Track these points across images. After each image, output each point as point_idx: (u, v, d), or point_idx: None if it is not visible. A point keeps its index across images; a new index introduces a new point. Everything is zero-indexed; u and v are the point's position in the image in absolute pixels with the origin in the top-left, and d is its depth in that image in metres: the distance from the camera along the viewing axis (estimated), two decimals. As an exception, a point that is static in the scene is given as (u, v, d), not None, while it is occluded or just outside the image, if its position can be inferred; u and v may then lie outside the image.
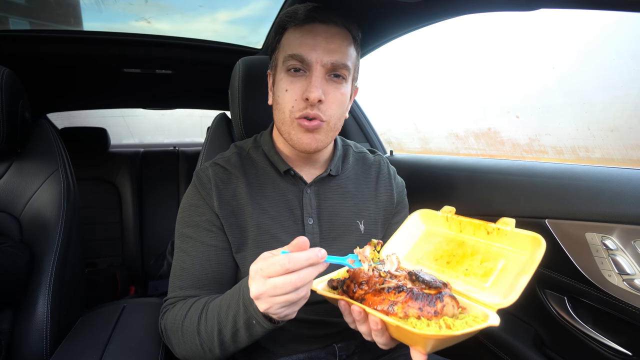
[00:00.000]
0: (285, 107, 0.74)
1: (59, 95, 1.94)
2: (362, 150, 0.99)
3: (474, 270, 0.65)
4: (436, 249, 0.75)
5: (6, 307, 0.90)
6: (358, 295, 0.58)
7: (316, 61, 0.72)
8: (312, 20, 0.74)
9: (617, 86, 0.98)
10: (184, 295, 0.76)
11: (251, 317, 0.60)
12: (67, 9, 1.60)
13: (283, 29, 0.78)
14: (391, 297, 0.55)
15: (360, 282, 0.59)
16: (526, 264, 0.60)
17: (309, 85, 0.72)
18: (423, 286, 0.56)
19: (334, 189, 0.87)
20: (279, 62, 0.77)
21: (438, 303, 0.53)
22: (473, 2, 0.81)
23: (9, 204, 0.98)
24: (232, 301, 0.63)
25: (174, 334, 0.72)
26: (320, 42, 0.73)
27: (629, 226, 0.69)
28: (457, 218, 0.74)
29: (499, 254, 0.65)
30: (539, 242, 0.60)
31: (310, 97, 0.71)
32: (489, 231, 0.68)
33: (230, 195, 0.80)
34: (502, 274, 0.62)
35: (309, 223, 0.82)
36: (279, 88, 0.76)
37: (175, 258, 0.80)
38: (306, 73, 0.73)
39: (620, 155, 1.01)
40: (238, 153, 0.87)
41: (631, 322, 0.71)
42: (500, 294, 0.59)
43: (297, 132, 0.75)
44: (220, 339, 0.65)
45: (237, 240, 0.78)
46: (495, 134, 1.40)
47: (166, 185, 2.51)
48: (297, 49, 0.73)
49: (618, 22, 0.94)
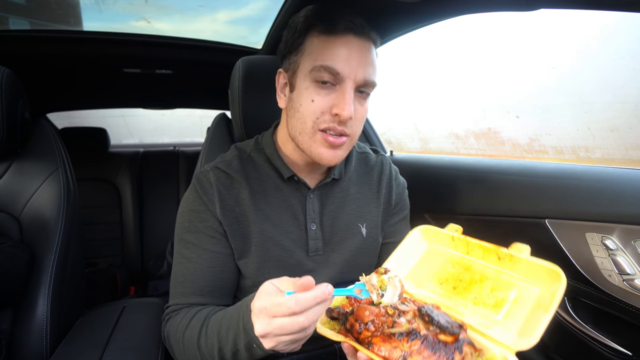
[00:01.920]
0: (309, 118, 0.70)
1: (59, 95, 1.93)
2: (364, 150, 0.96)
3: (483, 300, 0.60)
4: (440, 270, 0.69)
5: (6, 307, 0.90)
6: (364, 337, 0.53)
7: (349, 76, 0.68)
8: (347, 31, 0.68)
9: (617, 86, 0.98)
10: (186, 302, 0.75)
11: (252, 341, 0.57)
12: (67, 9, 1.60)
13: (307, 30, 0.71)
14: (404, 346, 0.49)
15: (365, 322, 0.54)
16: (542, 299, 0.55)
17: (342, 101, 0.68)
18: (437, 331, 0.51)
19: (337, 192, 0.85)
20: (302, 67, 0.71)
21: (457, 355, 0.48)
22: (473, 2, 0.81)
23: (9, 204, 0.98)
24: (232, 323, 0.61)
25: (176, 344, 0.72)
26: (354, 57, 0.68)
27: (629, 226, 0.69)
28: (465, 238, 0.68)
29: (510, 283, 0.60)
30: (558, 276, 0.54)
31: (343, 114, 0.67)
32: (501, 257, 0.63)
33: (233, 201, 0.78)
34: (515, 306, 0.57)
35: (311, 228, 0.81)
36: (302, 96, 0.71)
37: (176, 264, 0.78)
38: (335, 86, 0.69)
39: (620, 155, 1.01)
40: (239, 156, 0.83)
41: (631, 322, 0.71)
42: (513, 329, 0.54)
43: (319, 146, 0.72)
44: (220, 356, 0.63)
45: (240, 246, 0.77)
46: (495, 134, 1.40)
47: (166, 185, 2.51)
48: (331, 61, 0.67)
49: (618, 22, 0.94)
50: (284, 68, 0.77)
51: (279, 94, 0.79)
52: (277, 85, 0.79)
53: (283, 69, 0.78)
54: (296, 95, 0.73)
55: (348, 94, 0.68)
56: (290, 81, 0.75)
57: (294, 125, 0.74)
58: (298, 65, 0.72)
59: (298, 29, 0.73)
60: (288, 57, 0.75)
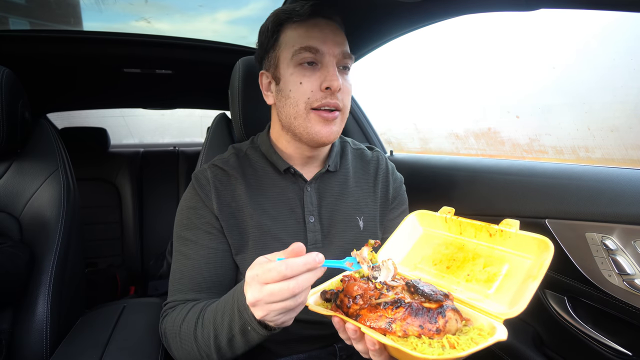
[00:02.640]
0: (300, 99, 0.74)
1: (59, 95, 1.93)
2: (360, 146, 0.99)
3: (476, 276, 0.62)
4: (435, 252, 0.71)
5: (6, 307, 0.90)
6: (353, 311, 0.54)
7: (329, 52, 0.74)
8: (315, 15, 0.76)
9: (617, 86, 0.98)
10: (183, 299, 0.76)
11: (246, 323, 0.58)
12: (67, 9, 1.60)
13: (279, 26, 0.78)
14: (389, 314, 0.51)
15: (354, 296, 0.55)
16: (532, 269, 0.56)
17: (328, 74, 0.73)
18: (422, 299, 0.52)
19: (334, 185, 0.87)
20: (282, 58, 0.77)
21: (440, 319, 0.49)
22: (473, 2, 0.81)
23: (9, 204, 0.98)
24: (227, 307, 0.62)
25: (173, 339, 0.72)
26: (328, 35, 0.75)
27: (629, 226, 0.69)
28: (457, 219, 0.70)
29: (502, 258, 0.62)
30: (546, 245, 0.56)
31: (333, 85, 0.72)
32: (492, 233, 0.65)
33: (230, 196, 0.80)
34: (507, 279, 0.59)
35: (310, 221, 0.82)
36: (289, 82, 0.75)
37: (175, 261, 0.79)
38: (318, 65, 0.75)
39: (620, 155, 1.01)
40: (236, 154, 0.86)
41: (631, 322, 0.71)
42: (505, 301, 0.55)
43: (314, 124, 0.75)
44: (216, 345, 0.64)
45: (237, 242, 0.78)
46: (495, 134, 1.40)
47: (166, 185, 2.51)
48: (308, 41, 0.73)
49: (618, 22, 0.94)
50: (265, 68, 0.83)
51: (265, 93, 0.84)
52: (262, 87, 0.84)
53: (264, 69, 0.83)
54: (283, 84, 0.77)
55: (332, 67, 0.74)
56: (274, 75, 0.79)
57: (287, 112, 0.77)
58: (278, 58, 0.78)
59: (270, 29, 0.79)
60: (266, 57, 0.81)
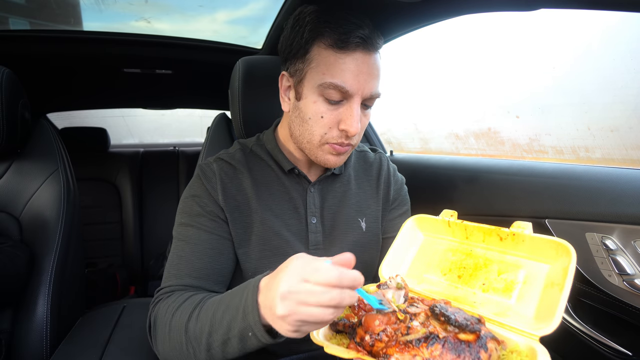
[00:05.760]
0: (317, 132, 0.72)
1: (59, 95, 1.93)
2: (363, 148, 0.99)
3: (492, 285, 0.57)
4: (441, 260, 0.65)
5: (6, 307, 0.90)
6: (377, 349, 0.48)
7: (357, 92, 0.68)
8: (357, 47, 0.67)
9: (617, 86, 0.98)
10: (180, 283, 0.70)
11: (248, 327, 0.52)
12: (67, 9, 1.59)
13: (314, 38, 0.69)
14: (424, 353, 0.45)
15: (377, 332, 0.48)
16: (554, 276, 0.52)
17: (349, 118, 0.69)
18: (456, 330, 0.47)
19: (337, 187, 0.87)
20: (309, 78, 0.71)
21: (482, 354, 0.44)
22: (473, 2, 0.81)
23: (9, 204, 0.98)
24: (232, 305, 0.56)
25: (162, 328, 0.64)
26: (363, 73, 0.68)
27: (629, 226, 0.69)
28: (462, 223, 0.65)
29: (516, 264, 0.57)
30: (566, 250, 0.51)
31: (350, 131, 0.69)
32: (503, 237, 0.60)
33: (236, 189, 0.79)
34: (526, 287, 0.54)
35: (312, 222, 0.82)
36: (310, 109, 0.71)
37: (173, 248, 0.75)
38: (342, 102, 0.70)
39: (620, 155, 1.01)
40: (242, 150, 0.86)
41: (631, 322, 0.71)
42: (529, 312, 0.51)
43: (325, 154, 0.75)
44: (208, 343, 0.57)
45: (240, 235, 0.77)
46: (495, 134, 1.40)
47: (166, 185, 2.51)
48: (340, 79, 0.67)
49: (618, 22, 0.94)
50: (289, 72, 0.76)
51: (282, 97, 0.79)
52: (280, 87, 0.79)
53: (287, 73, 0.76)
54: (303, 106, 0.73)
55: (355, 111, 0.69)
56: (296, 88, 0.74)
57: (301, 134, 0.75)
58: (304, 74, 0.71)
59: (304, 35, 0.70)
60: (293, 62, 0.74)
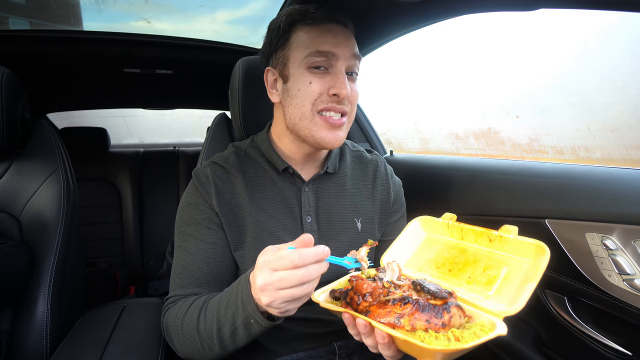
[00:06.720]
0: (307, 100, 0.75)
1: (59, 95, 1.94)
2: (359, 149, 0.99)
3: (477, 278, 0.65)
4: (437, 256, 0.74)
5: (6, 307, 0.90)
6: (362, 308, 0.58)
7: (341, 56, 0.74)
8: (330, 20, 0.76)
9: (617, 86, 0.98)
10: (185, 293, 0.77)
11: (249, 315, 0.60)
12: (67, 9, 1.60)
13: (291, 26, 0.77)
14: (397, 310, 0.54)
15: (363, 294, 0.58)
16: (530, 272, 0.60)
17: (337, 81, 0.73)
18: (428, 297, 0.56)
19: (332, 187, 0.87)
20: (292, 58, 0.76)
21: (445, 314, 0.53)
22: (473, 2, 0.81)
23: (9, 204, 0.98)
24: (231, 299, 0.63)
25: (175, 332, 0.73)
26: (341, 41, 0.75)
27: (629, 226, 0.69)
28: (459, 225, 0.73)
29: (501, 262, 0.66)
30: (542, 250, 0.60)
31: (341, 93, 0.73)
32: (492, 239, 0.68)
33: (229, 193, 0.80)
34: (506, 281, 0.62)
35: (307, 221, 0.82)
36: (298, 81, 0.75)
37: (176, 257, 0.80)
38: (328, 70, 0.75)
39: (620, 155, 1.01)
40: (236, 152, 0.87)
41: (631, 322, 0.71)
42: (504, 301, 0.59)
43: (320, 128, 0.76)
44: (219, 337, 0.65)
45: (235, 238, 0.79)
46: (495, 134, 1.40)
47: (166, 185, 2.51)
48: (322, 46, 0.73)
49: (618, 22, 0.94)
50: (272, 65, 0.82)
51: (270, 91, 0.83)
52: (267, 84, 0.84)
53: (271, 67, 0.82)
54: (292, 83, 0.77)
55: (342, 74, 0.74)
56: (282, 73, 0.79)
57: (293, 113, 0.77)
58: (288, 57, 0.77)
59: (282, 27, 0.78)
60: (274, 55, 0.80)
